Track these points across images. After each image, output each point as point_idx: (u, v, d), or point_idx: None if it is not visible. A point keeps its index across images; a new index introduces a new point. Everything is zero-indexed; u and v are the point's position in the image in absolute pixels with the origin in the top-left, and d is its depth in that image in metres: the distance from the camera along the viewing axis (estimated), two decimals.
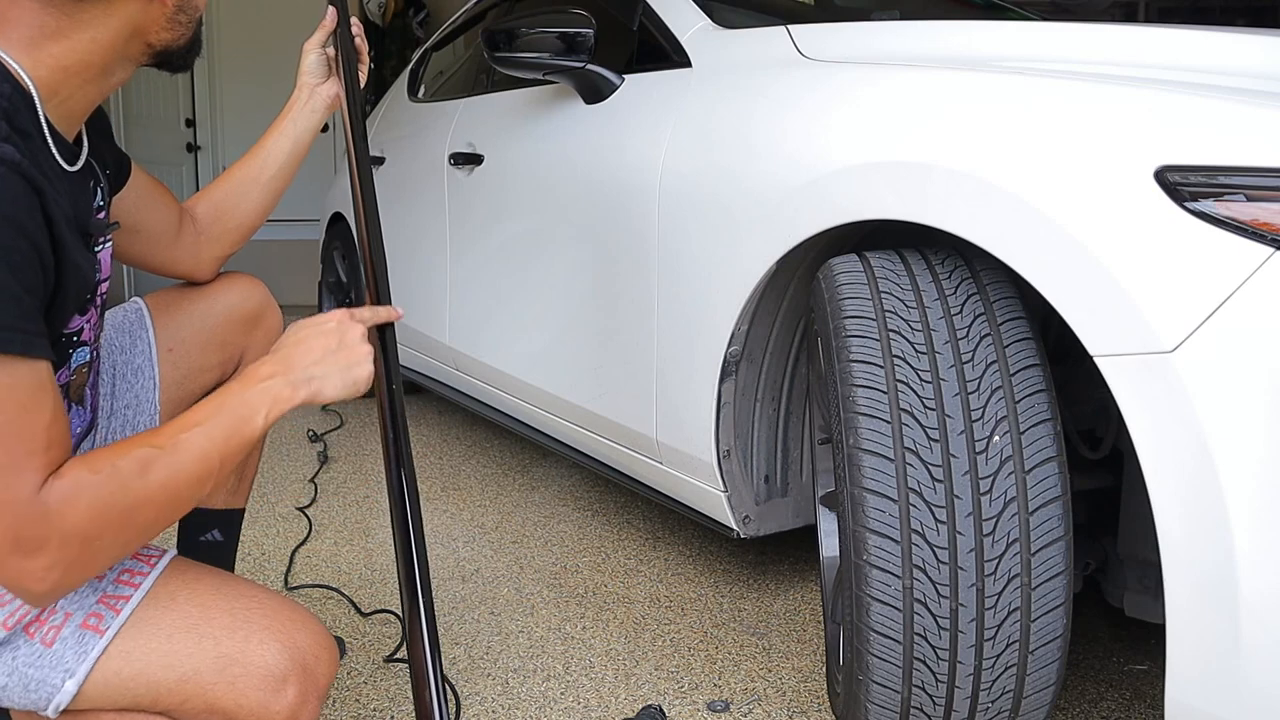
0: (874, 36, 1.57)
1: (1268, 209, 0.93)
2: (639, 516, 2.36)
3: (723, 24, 1.82)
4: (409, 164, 2.89)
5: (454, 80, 3.04)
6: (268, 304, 1.39)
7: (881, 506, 1.12)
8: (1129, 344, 0.98)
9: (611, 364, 1.88)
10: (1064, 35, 1.41)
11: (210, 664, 0.92)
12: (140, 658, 0.92)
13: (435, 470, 2.76)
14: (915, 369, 1.15)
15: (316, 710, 0.96)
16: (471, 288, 2.46)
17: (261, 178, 1.36)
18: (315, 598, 1.88)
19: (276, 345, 1.00)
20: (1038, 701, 1.18)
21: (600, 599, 1.89)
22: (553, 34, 1.88)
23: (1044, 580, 1.11)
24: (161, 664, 0.92)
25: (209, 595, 0.96)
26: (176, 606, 0.94)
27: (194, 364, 1.33)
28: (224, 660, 0.92)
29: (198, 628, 0.93)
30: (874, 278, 1.24)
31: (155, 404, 1.28)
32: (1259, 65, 1.20)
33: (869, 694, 1.18)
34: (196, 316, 1.33)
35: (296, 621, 0.97)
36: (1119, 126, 1.05)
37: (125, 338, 1.28)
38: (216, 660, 0.92)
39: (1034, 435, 1.12)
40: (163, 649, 0.92)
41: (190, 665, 0.92)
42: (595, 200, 1.88)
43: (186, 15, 1.02)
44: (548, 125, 2.10)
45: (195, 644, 0.92)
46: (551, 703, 1.51)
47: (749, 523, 1.70)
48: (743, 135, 1.54)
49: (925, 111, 1.24)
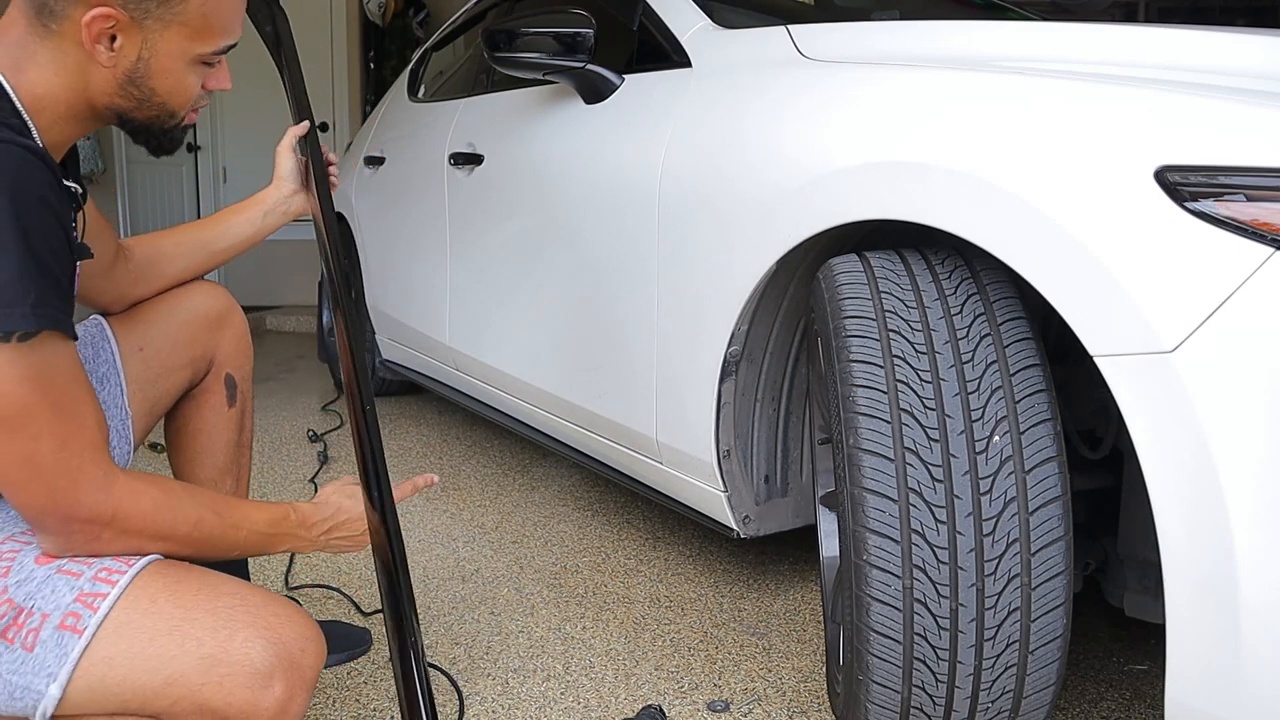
0: (874, 36, 1.57)
1: (1268, 209, 0.93)
2: (639, 516, 2.36)
3: (723, 24, 1.81)
4: (409, 164, 2.89)
5: (454, 80, 3.04)
6: (231, 306, 1.46)
7: (881, 506, 1.12)
8: (1129, 344, 0.98)
9: (611, 364, 1.88)
10: (1064, 35, 1.40)
11: (195, 665, 0.91)
12: (124, 663, 0.91)
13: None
14: (915, 369, 1.15)
15: (305, 702, 0.96)
16: (472, 288, 2.46)
17: (213, 247, 1.43)
18: (315, 598, 1.88)
19: (334, 513, 1.21)
20: (1038, 701, 1.18)
21: (600, 599, 1.89)
22: (553, 34, 1.88)
23: (1044, 580, 1.11)
24: (146, 668, 0.91)
25: (190, 595, 0.95)
26: (158, 609, 0.94)
27: (165, 363, 1.37)
28: (209, 660, 0.91)
29: (180, 629, 0.93)
30: (874, 278, 1.24)
31: (125, 408, 1.31)
32: (1259, 65, 1.20)
33: (869, 694, 1.18)
34: (163, 316, 1.38)
35: (280, 616, 0.96)
36: (1119, 126, 1.05)
37: (89, 349, 1.31)
38: (201, 661, 0.91)
39: (1034, 435, 1.12)
40: (146, 653, 0.91)
41: (175, 667, 0.91)
42: (595, 200, 1.88)
43: (140, 91, 1.01)
44: (548, 125, 2.10)
45: (179, 646, 0.92)
46: (551, 703, 1.51)
47: (749, 523, 1.70)
48: (743, 135, 1.54)
49: (925, 111, 1.24)
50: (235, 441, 1.47)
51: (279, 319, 5.60)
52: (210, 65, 1.06)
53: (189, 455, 1.45)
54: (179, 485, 1.05)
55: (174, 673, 0.91)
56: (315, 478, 2.66)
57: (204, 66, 1.05)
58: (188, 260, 1.41)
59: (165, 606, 0.94)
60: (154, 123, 1.06)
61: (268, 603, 0.98)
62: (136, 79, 1.01)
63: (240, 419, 1.47)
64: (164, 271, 1.39)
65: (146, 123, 1.05)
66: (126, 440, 1.31)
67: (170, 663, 0.91)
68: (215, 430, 1.45)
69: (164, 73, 1.02)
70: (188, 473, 1.45)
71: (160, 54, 1.01)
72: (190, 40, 1.01)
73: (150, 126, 1.06)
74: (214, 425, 1.45)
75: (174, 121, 1.07)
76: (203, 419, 1.44)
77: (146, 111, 1.04)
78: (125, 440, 1.31)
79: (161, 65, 1.01)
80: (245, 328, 1.47)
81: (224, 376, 1.44)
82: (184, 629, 0.92)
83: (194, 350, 1.39)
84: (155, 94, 1.03)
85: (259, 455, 2.85)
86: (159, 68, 1.01)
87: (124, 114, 1.03)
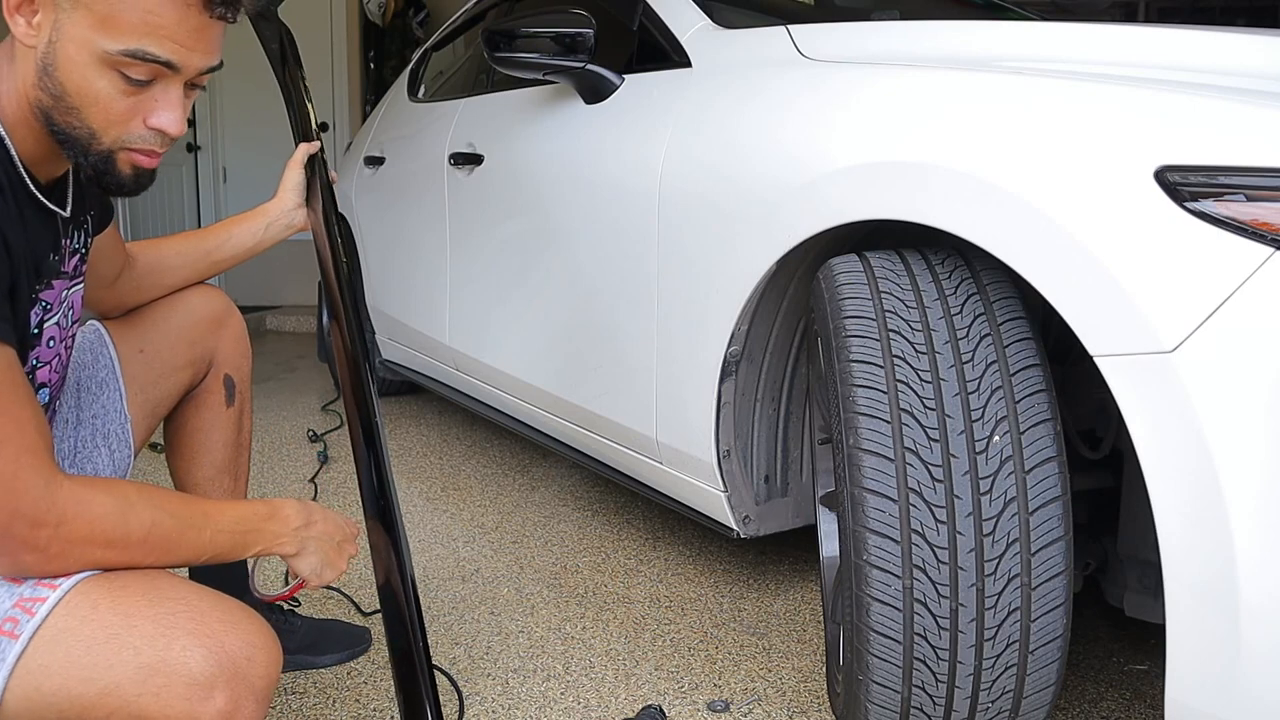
0: (874, 36, 1.57)
1: (1268, 209, 0.93)
2: (639, 516, 2.36)
3: (723, 24, 1.81)
4: (409, 164, 2.89)
5: (454, 80, 3.04)
6: (229, 307, 1.46)
7: (881, 506, 1.12)
8: (1129, 344, 0.98)
9: (611, 364, 1.88)
10: (1064, 35, 1.40)
11: (131, 675, 0.86)
12: (59, 671, 0.86)
13: (435, 470, 2.76)
14: (915, 369, 1.15)
15: (256, 712, 0.90)
16: (471, 288, 2.46)
17: (214, 256, 1.43)
18: (315, 598, 1.88)
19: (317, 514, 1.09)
20: (1038, 701, 1.18)
21: (600, 599, 1.89)
22: (553, 34, 1.88)
23: (1044, 580, 1.11)
24: (81, 677, 0.86)
25: (134, 602, 0.90)
26: (98, 616, 0.88)
27: (166, 363, 1.37)
28: (145, 670, 0.86)
29: (119, 637, 0.87)
30: (874, 278, 1.24)
31: (124, 411, 1.31)
32: (1259, 65, 1.20)
33: (869, 694, 1.18)
34: (163, 318, 1.39)
35: (226, 623, 0.90)
36: (1119, 126, 1.05)
37: (87, 355, 1.31)
38: (138, 671, 0.86)
39: (1034, 435, 1.12)
40: (82, 661, 0.86)
41: (110, 678, 0.86)
42: (595, 200, 1.88)
43: (51, 83, 0.91)
44: (548, 125, 2.10)
45: (115, 654, 0.86)
46: (551, 703, 1.51)
47: (749, 523, 1.69)
48: (743, 135, 1.54)
49: (925, 111, 1.24)
50: (234, 441, 1.48)
51: (279, 319, 5.60)
52: (135, 83, 0.92)
53: (187, 455, 1.45)
54: (135, 488, 0.95)
55: (110, 683, 0.86)
56: (315, 478, 2.66)
57: (124, 80, 0.92)
58: (189, 270, 1.42)
59: (105, 614, 0.88)
60: (76, 135, 0.94)
61: (215, 608, 0.92)
62: (48, 65, 0.91)
63: (239, 419, 1.48)
64: (164, 281, 1.40)
65: (69, 133, 0.94)
66: (127, 445, 1.31)
67: (107, 672, 0.86)
68: (214, 430, 1.45)
69: (69, 63, 0.91)
70: (186, 472, 1.46)
71: (65, 38, 0.90)
72: (93, 29, 0.89)
73: (75, 140, 0.94)
74: (212, 425, 1.45)
75: (99, 145, 0.94)
76: (201, 419, 1.44)
77: (65, 117, 0.93)
78: (125, 445, 1.31)
79: (66, 53, 0.91)
80: (243, 329, 1.48)
81: (223, 377, 1.44)
82: (123, 637, 0.87)
83: (194, 351, 1.40)
84: (66, 92, 0.92)
85: (259, 455, 2.85)
86: (64, 55, 0.91)
87: (47, 114, 0.93)
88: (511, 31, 1.90)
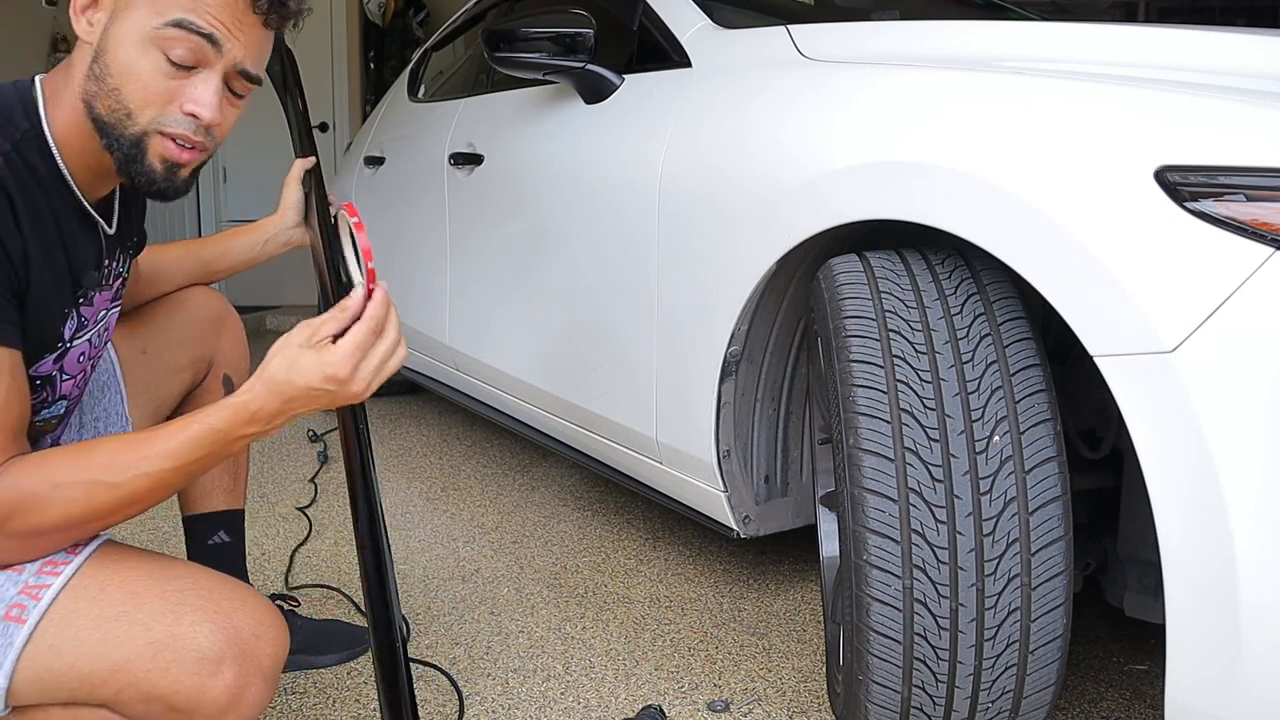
0: (874, 36, 1.57)
1: (1268, 209, 0.93)
2: (639, 516, 2.36)
3: (723, 24, 1.81)
4: (409, 164, 2.89)
5: (454, 80, 3.04)
6: (228, 309, 1.48)
7: (881, 506, 1.12)
8: (1129, 344, 0.98)
9: (611, 364, 1.88)
10: (1064, 35, 1.40)
11: (141, 651, 0.88)
12: (69, 650, 0.89)
13: (435, 470, 2.76)
14: (915, 369, 1.15)
15: (263, 692, 0.92)
16: (471, 288, 2.46)
17: (212, 266, 1.46)
18: (315, 598, 1.88)
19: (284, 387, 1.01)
20: (1038, 701, 1.18)
21: (600, 599, 1.89)
22: (553, 34, 1.88)
23: (1044, 580, 1.11)
24: (91, 654, 0.89)
25: (141, 581, 0.92)
26: (106, 596, 0.91)
27: (168, 364, 1.38)
28: (155, 646, 0.88)
29: (128, 615, 0.90)
30: (874, 278, 1.24)
31: (125, 415, 1.32)
32: (1259, 65, 1.20)
33: (869, 694, 1.18)
34: (163, 319, 1.40)
35: (234, 600, 0.93)
36: (1119, 126, 1.05)
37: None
38: (148, 646, 0.88)
39: (1034, 435, 1.12)
40: (92, 639, 0.89)
41: (121, 654, 0.88)
42: (595, 200, 1.88)
43: (99, 67, 0.95)
44: (548, 125, 2.10)
45: (125, 631, 0.89)
46: (551, 703, 1.51)
47: (749, 523, 1.69)
48: (743, 135, 1.54)
49: (925, 111, 1.24)
50: None
51: (279, 319, 5.59)
52: (177, 66, 0.95)
53: None
54: (56, 458, 0.92)
55: (120, 659, 0.88)
56: (315, 477, 2.66)
57: (167, 61, 0.95)
58: (185, 279, 1.44)
59: (114, 594, 0.91)
60: (114, 118, 0.96)
61: (222, 586, 0.94)
62: (100, 53, 0.95)
63: None
64: (160, 288, 1.42)
65: (107, 117, 0.96)
66: None
67: (117, 649, 0.88)
68: None
69: (117, 43, 0.94)
70: None
71: (118, 22, 0.95)
72: (145, 10, 0.94)
73: (111, 124, 0.96)
74: None
75: (134, 125, 0.96)
76: None
77: (106, 100, 0.95)
78: None
79: (117, 35, 0.94)
80: (242, 330, 1.50)
81: (222, 377, 1.45)
82: (132, 615, 0.90)
83: (195, 351, 1.42)
84: (109, 72, 0.95)
85: (259, 455, 2.85)
86: (114, 38, 0.95)
87: (90, 103, 0.96)
88: (511, 32, 1.90)
